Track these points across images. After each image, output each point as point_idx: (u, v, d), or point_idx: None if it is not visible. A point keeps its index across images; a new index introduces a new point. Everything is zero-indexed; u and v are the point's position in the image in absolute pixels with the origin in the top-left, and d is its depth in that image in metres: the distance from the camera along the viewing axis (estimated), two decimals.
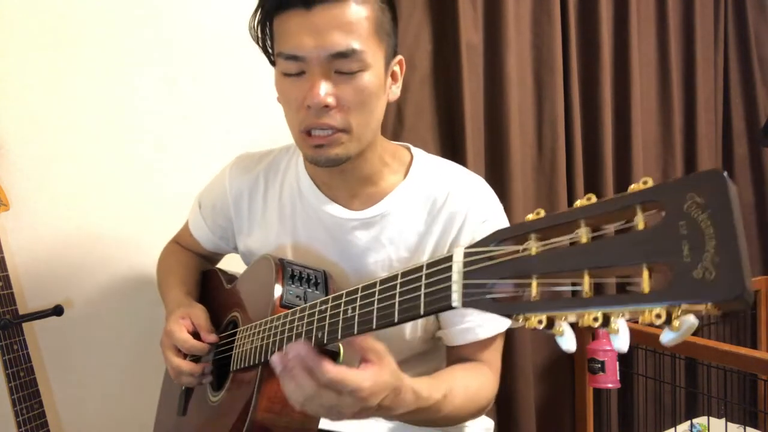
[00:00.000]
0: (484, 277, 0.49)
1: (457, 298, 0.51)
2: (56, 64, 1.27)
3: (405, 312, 0.57)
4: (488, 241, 0.50)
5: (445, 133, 1.70)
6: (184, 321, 0.92)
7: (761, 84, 2.37)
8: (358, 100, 0.81)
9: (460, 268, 0.51)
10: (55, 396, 1.29)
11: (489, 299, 0.48)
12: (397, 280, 0.59)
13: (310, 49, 0.78)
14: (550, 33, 1.82)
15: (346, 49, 0.78)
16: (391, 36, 0.86)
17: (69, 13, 1.28)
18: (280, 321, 0.75)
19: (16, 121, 1.24)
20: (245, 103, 1.48)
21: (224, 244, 1.11)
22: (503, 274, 0.47)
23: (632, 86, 2.02)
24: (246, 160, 1.04)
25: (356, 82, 0.80)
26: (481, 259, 0.49)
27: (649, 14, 2.13)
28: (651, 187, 0.40)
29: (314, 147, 0.83)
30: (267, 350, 0.75)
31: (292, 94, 0.82)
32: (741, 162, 2.39)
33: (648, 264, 0.39)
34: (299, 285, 0.82)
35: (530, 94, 1.84)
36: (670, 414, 2.11)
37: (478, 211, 0.91)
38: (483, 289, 0.49)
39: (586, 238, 0.43)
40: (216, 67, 1.45)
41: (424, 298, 0.55)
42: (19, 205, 1.23)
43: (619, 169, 2.04)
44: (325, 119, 0.80)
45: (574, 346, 0.44)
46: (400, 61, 0.90)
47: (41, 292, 1.27)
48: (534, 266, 0.45)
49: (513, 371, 1.72)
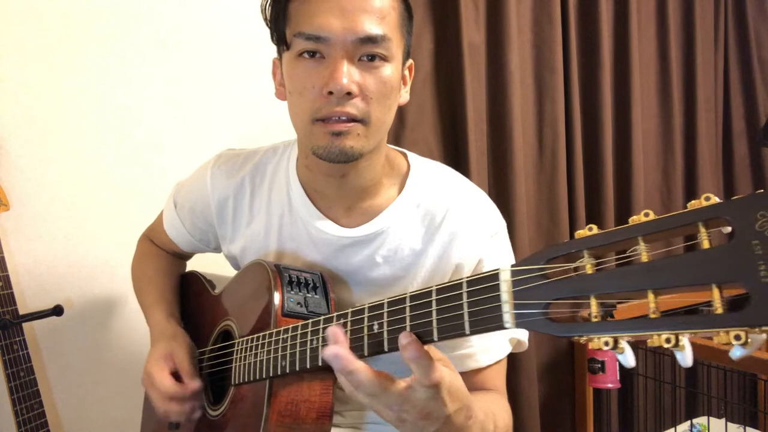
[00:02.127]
0: (537, 297, 0.47)
1: (510, 318, 0.49)
2: (56, 64, 1.27)
3: (447, 330, 0.54)
4: (537, 259, 0.48)
5: (447, 133, 1.70)
6: (166, 362, 0.86)
7: (761, 84, 2.37)
8: (381, 92, 0.75)
9: (509, 287, 0.49)
10: (55, 396, 1.29)
11: (544, 320, 0.47)
12: (432, 297, 0.56)
13: (336, 31, 0.72)
14: (550, 33, 1.82)
15: (377, 33, 0.73)
16: (409, 35, 0.82)
17: (69, 12, 1.28)
18: (289, 334, 0.71)
19: (16, 121, 1.23)
20: (246, 102, 1.48)
21: (204, 246, 1.06)
22: (559, 294, 0.46)
23: (632, 86, 2.02)
24: (229, 162, 0.96)
25: (380, 72, 0.75)
26: (532, 277, 0.48)
27: (649, 14, 2.13)
28: (715, 205, 0.39)
29: (331, 135, 0.74)
30: (276, 364, 0.72)
31: (308, 79, 0.75)
32: (741, 162, 2.39)
33: (718, 284, 0.38)
34: (298, 291, 0.79)
35: (531, 94, 1.84)
36: (670, 414, 2.11)
37: (480, 230, 0.85)
38: (536, 309, 0.47)
39: (646, 256, 0.42)
40: (216, 67, 1.45)
41: (468, 317, 0.52)
42: (19, 205, 1.23)
43: (619, 169, 2.04)
44: (347, 107, 0.73)
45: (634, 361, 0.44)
46: (411, 66, 0.86)
47: (41, 292, 1.26)
48: (592, 285, 0.44)
49: (517, 371, 1.72)
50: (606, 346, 0.43)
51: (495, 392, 0.86)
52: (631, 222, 0.43)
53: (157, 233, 1.11)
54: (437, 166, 0.92)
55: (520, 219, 1.72)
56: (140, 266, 1.11)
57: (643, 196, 2.07)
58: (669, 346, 0.40)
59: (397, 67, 0.78)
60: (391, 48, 0.75)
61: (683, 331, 0.40)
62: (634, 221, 0.43)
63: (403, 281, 0.86)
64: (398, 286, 0.86)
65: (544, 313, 0.47)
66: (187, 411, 0.85)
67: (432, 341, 0.56)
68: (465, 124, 1.65)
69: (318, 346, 0.66)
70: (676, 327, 0.40)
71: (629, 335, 0.43)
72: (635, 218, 0.43)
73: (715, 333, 0.38)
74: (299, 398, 0.74)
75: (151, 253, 1.12)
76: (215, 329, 0.92)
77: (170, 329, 0.93)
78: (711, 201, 0.39)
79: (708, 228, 0.39)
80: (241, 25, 1.46)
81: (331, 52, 0.73)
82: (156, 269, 1.08)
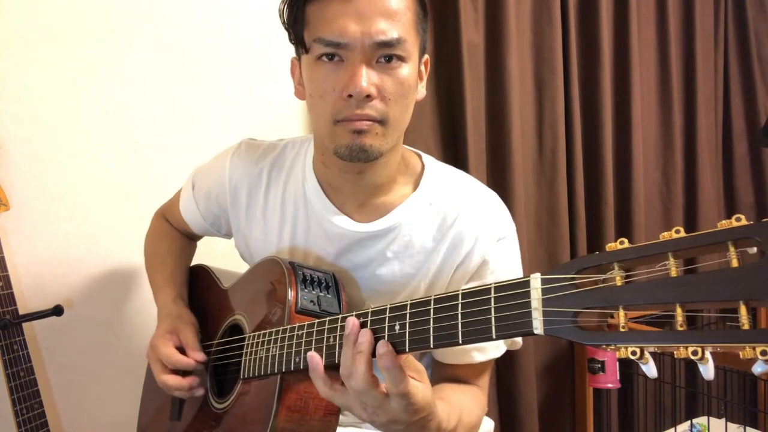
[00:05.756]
0: (566, 305, 0.49)
1: (539, 324, 0.51)
2: (56, 64, 1.27)
3: (471, 334, 0.56)
4: (568, 269, 0.50)
5: (446, 133, 1.70)
6: (171, 337, 0.90)
7: (761, 84, 2.37)
8: (399, 93, 0.77)
9: (539, 295, 0.51)
10: (55, 396, 1.29)
11: (573, 327, 0.49)
12: (458, 300, 0.58)
13: (354, 36, 0.74)
14: (550, 33, 1.82)
15: (392, 38, 0.75)
16: (425, 32, 0.83)
17: (69, 12, 1.28)
18: (304, 330, 0.72)
19: (16, 121, 1.23)
20: (246, 102, 1.48)
21: (215, 230, 1.08)
22: (588, 303, 0.48)
23: (632, 86, 2.02)
24: (249, 151, 0.98)
25: (397, 73, 0.77)
26: (562, 286, 0.50)
27: (649, 14, 2.13)
28: (745, 226, 0.41)
29: (353, 132, 0.77)
30: (290, 360, 0.73)
31: (328, 83, 0.77)
32: (741, 162, 2.39)
33: (746, 301, 0.40)
34: (311, 289, 0.80)
35: (531, 94, 1.84)
36: (670, 414, 2.11)
37: (489, 236, 0.87)
38: (566, 317, 0.49)
39: (675, 271, 0.44)
40: (217, 66, 1.45)
41: (495, 321, 0.54)
42: (19, 205, 1.23)
43: (619, 169, 2.04)
44: (366, 110, 0.76)
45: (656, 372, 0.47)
46: (426, 61, 0.87)
47: (41, 292, 1.26)
48: (621, 296, 0.46)
49: (515, 371, 1.72)
50: (633, 356, 0.45)
51: (475, 387, 0.89)
52: (661, 238, 0.45)
53: (172, 212, 1.14)
54: (452, 168, 0.95)
55: (520, 219, 1.72)
56: (153, 244, 1.14)
57: (643, 196, 2.07)
58: (695, 359, 0.42)
59: (414, 65, 0.80)
60: (408, 48, 0.77)
61: (710, 344, 0.42)
62: (665, 237, 0.45)
63: (413, 279, 0.88)
64: (408, 283, 0.88)
65: (573, 321, 0.49)
66: (188, 385, 0.87)
67: (456, 344, 0.58)
68: (464, 125, 1.65)
69: (336, 344, 0.68)
70: (703, 340, 0.42)
71: (656, 346, 0.45)
72: (666, 234, 0.45)
73: (741, 348, 0.40)
74: (308, 395, 0.75)
75: (165, 232, 1.15)
76: (223, 323, 0.93)
77: (176, 310, 0.96)
78: (741, 222, 0.41)
79: (737, 247, 0.42)
80: (242, 25, 1.46)
81: (350, 56, 0.75)
82: (169, 251, 1.10)
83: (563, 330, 0.49)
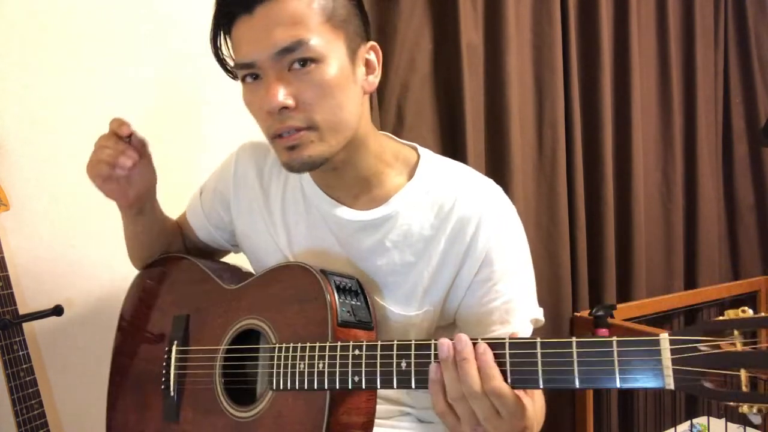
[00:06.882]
0: (694, 365, 0.55)
1: (671, 381, 0.57)
2: (56, 64, 1.27)
3: (589, 381, 0.61)
4: (694, 331, 0.56)
5: (445, 134, 1.70)
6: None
7: (761, 84, 2.37)
8: (320, 95, 0.77)
9: (668, 354, 0.57)
10: (55, 396, 1.29)
11: (703, 386, 0.55)
12: (572, 348, 0.61)
13: (257, 52, 0.76)
14: (550, 33, 1.82)
15: (291, 42, 0.74)
16: (349, 22, 0.80)
17: (69, 12, 1.28)
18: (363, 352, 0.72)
19: (16, 121, 1.23)
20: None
21: (218, 236, 1.07)
22: (714, 365, 0.54)
23: (632, 86, 2.02)
24: (255, 149, 1.01)
25: (312, 76, 0.76)
26: (689, 348, 0.56)
27: (649, 14, 2.13)
28: None
29: (287, 150, 0.79)
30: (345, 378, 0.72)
31: (254, 103, 0.80)
32: (741, 162, 2.39)
33: None
34: (345, 298, 0.79)
35: (530, 94, 1.84)
36: (670, 414, 2.12)
37: (491, 217, 0.87)
38: (694, 375, 0.55)
39: None
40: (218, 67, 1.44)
41: (619, 373, 0.59)
42: (19, 205, 1.23)
43: (619, 169, 2.05)
44: (287, 122, 0.77)
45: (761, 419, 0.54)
46: (374, 47, 0.85)
47: (41, 292, 1.26)
48: (743, 360, 0.53)
49: None
50: (759, 413, 0.53)
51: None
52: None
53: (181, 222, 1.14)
54: (448, 159, 0.95)
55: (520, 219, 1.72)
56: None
57: (643, 196, 2.07)
58: None
59: (337, 61, 0.78)
60: (318, 48, 0.76)
61: None
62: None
63: (415, 268, 0.88)
64: (410, 272, 0.88)
65: (701, 379, 0.55)
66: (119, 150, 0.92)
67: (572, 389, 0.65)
68: (463, 125, 1.65)
69: (410, 370, 0.68)
70: None
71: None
72: None
73: None
74: (352, 406, 0.75)
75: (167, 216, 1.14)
76: (231, 325, 0.90)
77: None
78: None
79: None
80: None
81: (263, 73, 0.78)
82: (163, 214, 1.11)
83: (694, 387, 0.55)
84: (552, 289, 1.85)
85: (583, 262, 1.91)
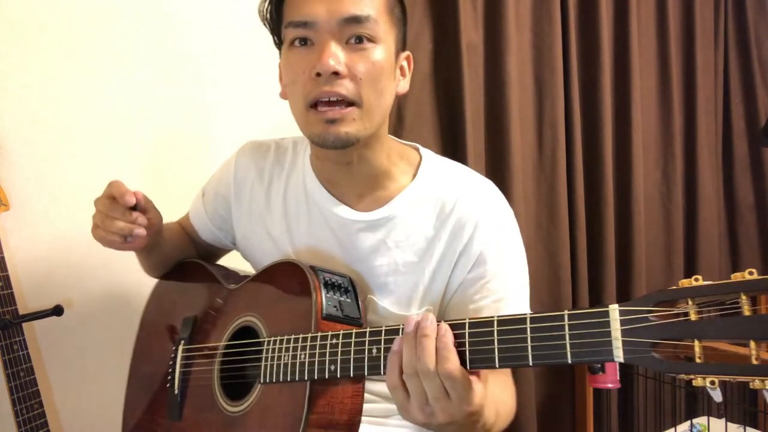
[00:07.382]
0: (644, 336, 0.53)
1: (620, 353, 0.54)
2: (56, 64, 1.27)
3: (543, 358, 0.59)
4: (645, 302, 0.54)
5: (445, 133, 1.70)
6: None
7: (761, 84, 2.37)
8: (370, 73, 0.77)
9: (618, 325, 0.55)
10: (55, 396, 1.29)
11: (653, 357, 0.53)
12: (526, 324, 0.60)
13: (321, 14, 0.75)
14: (550, 33, 1.82)
15: (360, 14, 0.75)
16: (402, 24, 0.84)
17: (69, 12, 1.28)
18: (340, 340, 0.72)
19: (16, 121, 1.23)
20: (247, 101, 1.48)
21: (222, 236, 1.08)
22: (665, 335, 0.52)
23: (632, 86, 2.02)
24: (255, 150, 1.01)
25: (368, 53, 0.77)
26: (639, 318, 0.54)
27: (649, 14, 2.13)
28: None
29: (325, 122, 0.77)
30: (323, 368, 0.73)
31: (299, 65, 0.78)
32: (741, 162, 2.39)
33: None
34: (333, 294, 0.80)
35: (530, 94, 1.84)
36: (670, 414, 2.11)
37: (489, 219, 0.88)
38: (644, 347, 0.53)
39: (748, 310, 0.48)
40: (218, 66, 1.45)
41: (570, 347, 0.58)
42: (19, 205, 1.23)
43: (619, 169, 2.04)
44: (335, 87, 0.75)
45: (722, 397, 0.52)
46: (408, 57, 0.88)
47: (41, 292, 1.26)
48: (697, 330, 0.51)
49: (515, 371, 1.71)
50: (711, 385, 0.50)
51: (501, 374, 0.91)
52: (733, 278, 0.49)
53: (184, 223, 1.14)
54: (449, 160, 0.97)
55: (520, 219, 1.70)
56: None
57: (643, 196, 2.07)
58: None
59: (388, 51, 0.80)
60: (378, 30, 0.78)
61: None
62: (737, 278, 0.49)
63: (417, 267, 0.88)
64: (412, 272, 0.89)
65: (651, 350, 0.53)
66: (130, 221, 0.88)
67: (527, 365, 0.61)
68: (463, 125, 1.65)
69: (380, 356, 0.68)
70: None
71: (732, 378, 0.49)
72: (738, 275, 0.49)
73: None
74: (334, 400, 0.75)
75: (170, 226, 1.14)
76: (230, 324, 0.92)
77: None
78: None
79: None
80: (243, 25, 1.46)
81: (319, 37, 0.77)
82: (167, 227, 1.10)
83: (643, 359, 0.53)
84: (552, 289, 1.85)
85: (583, 262, 1.91)
